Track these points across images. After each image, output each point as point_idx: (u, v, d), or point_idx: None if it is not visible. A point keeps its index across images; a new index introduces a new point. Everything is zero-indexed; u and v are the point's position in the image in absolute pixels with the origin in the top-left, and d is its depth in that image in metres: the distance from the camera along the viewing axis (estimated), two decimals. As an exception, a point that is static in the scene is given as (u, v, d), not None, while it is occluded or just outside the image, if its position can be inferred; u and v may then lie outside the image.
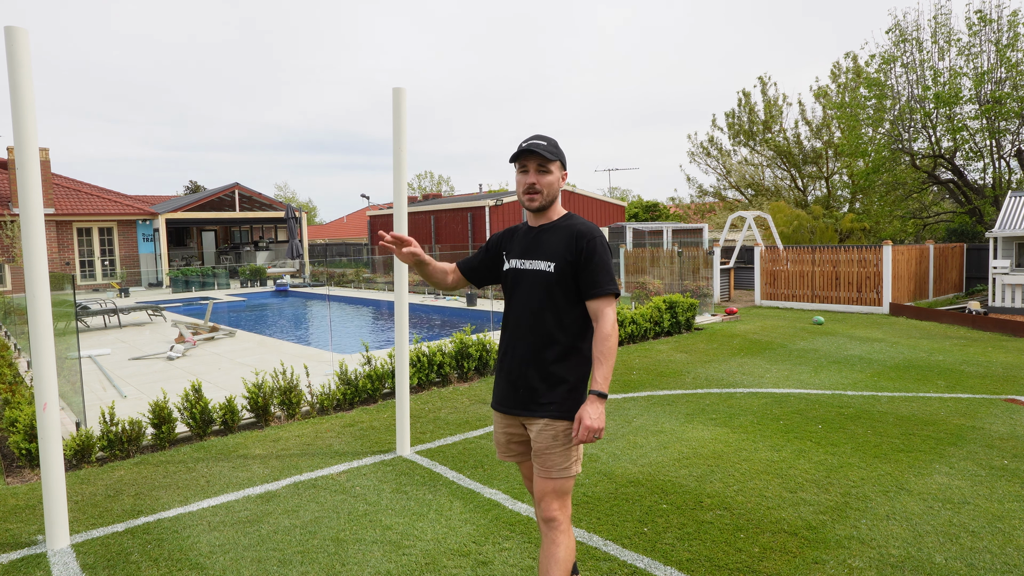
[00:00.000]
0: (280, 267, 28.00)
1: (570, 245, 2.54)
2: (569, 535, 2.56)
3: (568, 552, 2.53)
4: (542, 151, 2.51)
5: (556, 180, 2.60)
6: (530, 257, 2.62)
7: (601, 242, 2.54)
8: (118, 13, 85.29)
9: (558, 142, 2.64)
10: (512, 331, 2.64)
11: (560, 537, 2.53)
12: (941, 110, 18.93)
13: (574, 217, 2.66)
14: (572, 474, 2.55)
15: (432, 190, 64.63)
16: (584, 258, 2.51)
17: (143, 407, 6.47)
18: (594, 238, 2.54)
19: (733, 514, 3.88)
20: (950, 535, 3.56)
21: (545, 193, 2.57)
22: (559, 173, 2.61)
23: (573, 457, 2.55)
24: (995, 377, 7.31)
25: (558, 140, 2.68)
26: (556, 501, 2.54)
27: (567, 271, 2.53)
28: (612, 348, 2.45)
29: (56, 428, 3.74)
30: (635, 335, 10.00)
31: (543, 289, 2.55)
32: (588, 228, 2.58)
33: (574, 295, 2.54)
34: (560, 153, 2.61)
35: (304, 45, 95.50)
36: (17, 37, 3.50)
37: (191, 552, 3.60)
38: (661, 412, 6.08)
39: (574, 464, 2.56)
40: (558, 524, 2.53)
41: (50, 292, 3.73)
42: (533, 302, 2.58)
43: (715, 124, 30.37)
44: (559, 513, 2.53)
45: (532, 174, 2.56)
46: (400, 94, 4.89)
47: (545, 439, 2.53)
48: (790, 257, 14.83)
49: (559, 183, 2.62)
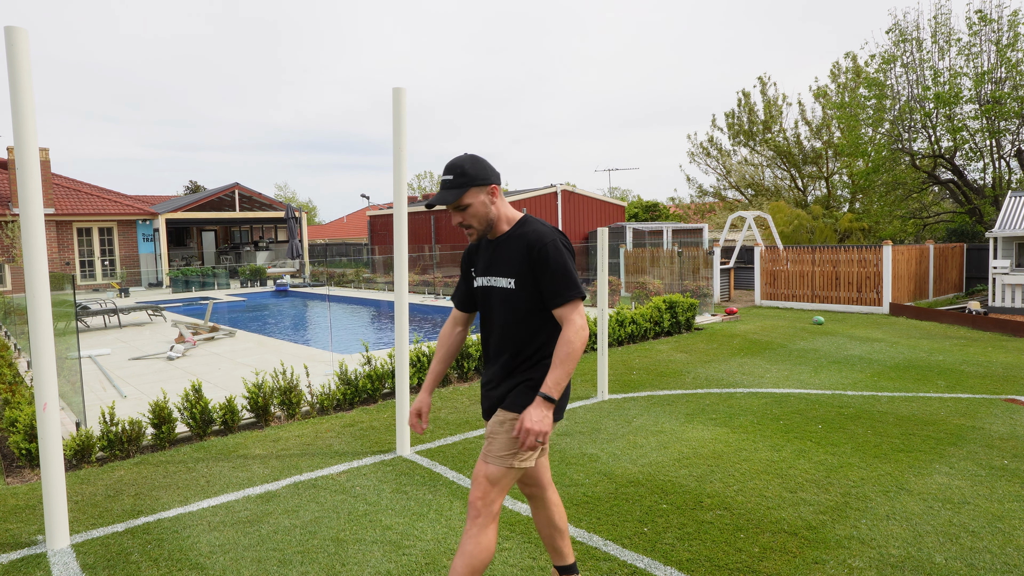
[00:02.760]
0: (280, 267, 28.00)
1: (524, 257, 2.45)
2: (485, 533, 2.44)
3: (478, 549, 2.41)
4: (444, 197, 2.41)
5: (481, 204, 2.47)
6: (492, 273, 2.56)
7: (554, 247, 2.42)
8: (118, 13, 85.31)
9: (469, 162, 2.46)
10: (487, 346, 2.65)
11: (473, 529, 2.43)
12: (941, 110, 18.93)
13: (528, 224, 2.53)
14: (507, 464, 2.47)
15: (432, 190, 64.59)
16: (539, 268, 2.42)
17: (143, 407, 6.47)
18: (544, 246, 2.42)
19: (733, 514, 3.88)
20: (950, 535, 3.56)
21: (477, 225, 2.49)
22: (481, 195, 2.46)
23: (514, 451, 2.47)
24: (995, 377, 7.31)
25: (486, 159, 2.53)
26: (481, 488, 2.46)
27: (528, 283, 2.46)
28: (572, 353, 2.36)
29: (56, 428, 3.74)
30: (635, 335, 10.00)
31: (509, 306, 2.51)
32: (538, 236, 2.45)
33: (540, 305, 2.48)
34: (472, 176, 2.44)
35: (304, 45, 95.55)
36: (17, 37, 3.50)
37: (191, 552, 3.60)
38: (661, 412, 6.08)
39: (514, 458, 2.47)
40: (476, 514, 2.45)
41: (50, 292, 3.73)
42: (502, 318, 2.54)
43: (715, 124, 30.38)
44: (480, 502, 2.45)
45: (455, 215, 2.49)
46: (400, 94, 4.89)
47: (493, 424, 2.54)
48: (790, 257, 14.83)
49: (487, 204, 2.48)
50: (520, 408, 2.48)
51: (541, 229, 2.48)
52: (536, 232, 2.47)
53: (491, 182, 2.49)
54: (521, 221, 2.55)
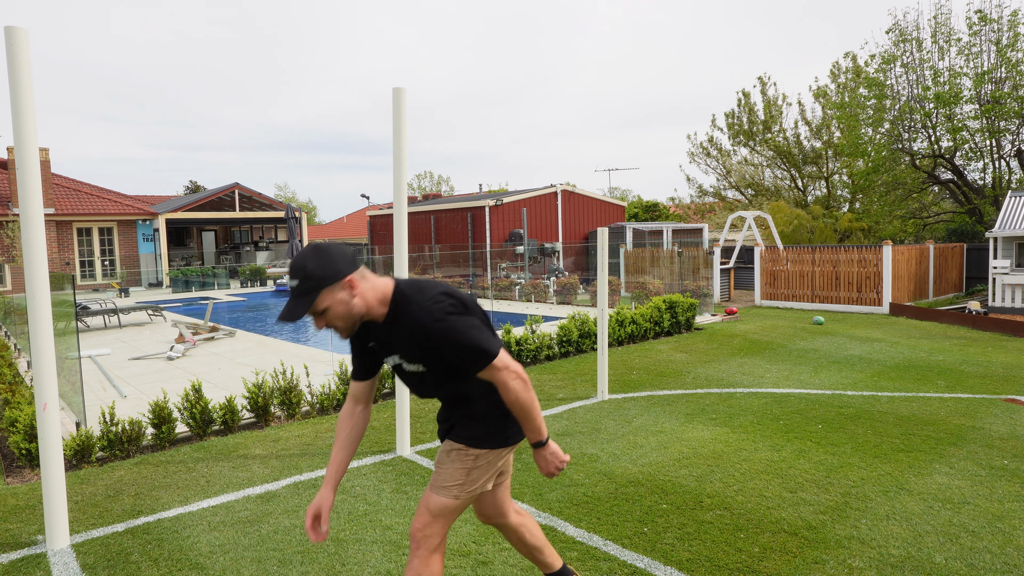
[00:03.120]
0: (280, 267, 28.01)
1: (419, 344, 2.21)
2: (429, 566, 2.33)
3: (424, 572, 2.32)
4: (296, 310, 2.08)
5: (340, 303, 2.13)
6: (395, 353, 2.32)
7: (443, 325, 2.14)
8: (118, 13, 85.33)
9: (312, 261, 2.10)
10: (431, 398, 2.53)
11: (415, 561, 2.34)
12: (941, 110, 18.93)
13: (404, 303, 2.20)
14: (451, 495, 2.36)
15: (432, 190, 64.63)
16: (441, 350, 2.19)
17: (143, 407, 6.47)
18: (432, 329, 2.14)
19: (733, 514, 3.88)
20: (950, 535, 3.56)
21: (342, 323, 2.18)
22: (337, 294, 2.12)
23: (455, 479, 2.37)
24: (995, 377, 7.31)
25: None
26: (423, 519, 2.37)
27: (436, 364, 2.27)
28: (524, 407, 2.24)
29: (56, 428, 3.74)
30: (635, 335, 10.00)
31: (428, 384, 2.36)
32: (423, 319, 2.15)
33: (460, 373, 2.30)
34: (320, 277, 2.08)
35: (304, 45, 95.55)
36: (17, 37, 3.50)
37: (191, 552, 3.60)
38: (661, 412, 6.08)
39: (454, 486, 2.37)
40: (416, 546, 2.35)
41: (50, 292, 3.73)
42: (425, 392, 2.42)
43: (715, 124, 30.38)
44: (420, 533, 2.35)
45: (316, 320, 2.17)
46: (400, 94, 4.89)
47: (441, 453, 2.46)
48: (790, 257, 14.83)
49: (347, 301, 2.14)
50: (466, 439, 2.40)
51: (422, 307, 2.16)
52: (418, 313, 2.16)
53: (344, 275, 2.12)
54: (396, 301, 2.22)
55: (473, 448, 2.39)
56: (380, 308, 2.23)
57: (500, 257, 20.17)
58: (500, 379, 2.21)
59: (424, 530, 2.36)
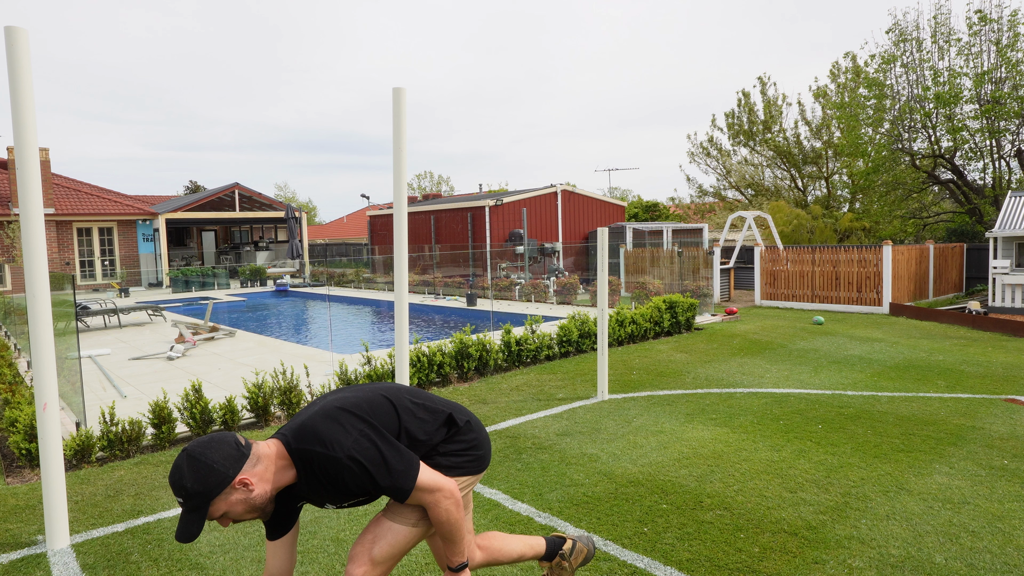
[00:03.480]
0: (280, 267, 28.01)
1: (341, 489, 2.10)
2: None
3: None
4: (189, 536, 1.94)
5: (236, 503, 2.00)
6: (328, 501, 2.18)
7: (352, 470, 2.04)
8: (118, 13, 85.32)
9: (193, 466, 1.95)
10: None
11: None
12: (941, 110, 18.93)
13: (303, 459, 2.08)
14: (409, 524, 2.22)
15: (432, 190, 64.62)
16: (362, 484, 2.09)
17: (143, 407, 6.47)
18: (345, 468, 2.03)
19: (733, 514, 3.88)
20: (950, 535, 3.56)
21: (251, 516, 2.07)
22: (228, 497, 1.98)
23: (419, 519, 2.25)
24: (995, 377, 7.31)
25: None
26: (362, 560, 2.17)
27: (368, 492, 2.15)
28: (451, 529, 2.18)
29: (56, 428, 3.74)
30: (635, 335, 10.00)
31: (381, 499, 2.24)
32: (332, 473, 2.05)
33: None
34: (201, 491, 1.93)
35: (304, 45, 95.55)
36: (17, 37, 3.50)
37: (191, 552, 3.60)
38: (661, 412, 6.08)
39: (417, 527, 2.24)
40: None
41: (50, 292, 3.73)
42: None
43: (715, 124, 30.37)
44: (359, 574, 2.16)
45: (221, 522, 2.04)
46: (400, 94, 4.89)
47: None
48: (790, 257, 14.83)
49: (243, 497, 2.00)
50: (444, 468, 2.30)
51: (327, 456, 2.04)
52: (326, 464, 2.04)
53: (229, 480, 1.97)
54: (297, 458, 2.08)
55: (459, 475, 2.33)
56: (287, 475, 2.10)
57: (500, 257, 20.17)
58: (426, 502, 2.12)
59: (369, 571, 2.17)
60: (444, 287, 18.69)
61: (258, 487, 2.03)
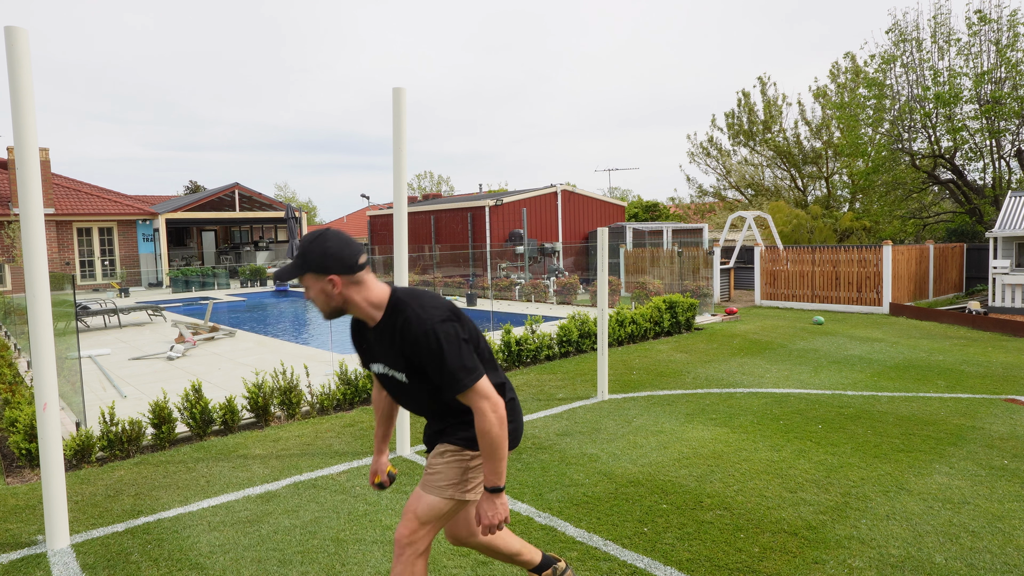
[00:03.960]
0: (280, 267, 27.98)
1: (403, 351, 2.22)
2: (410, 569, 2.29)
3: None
4: (280, 274, 2.24)
5: (320, 292, 2.22)
6: (381, 361, 2.37)
7: (434, 335, 2.15)
8: (118, 13, 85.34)
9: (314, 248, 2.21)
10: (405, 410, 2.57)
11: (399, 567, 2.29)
12: (941, 110, 18.93)
13: (401, 310, 2.23)
14: (446, 496, 2.33)
15: (432, 190, 64.62)
16: (425, 360, 2.19)
17: (143, 407, 6.47)
18: (424, 335, 2.15)
19: (733, 514, 3.88)
20: (950, 535, 3.56)
21: (319, 306, 2.28)
22: (318, 283, 2.21)
23: (451, 479, 2.34)
24: (995, 377, 7.31)
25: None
26: (409, 526, 2.32)
27: (421, 374, 2.26)
28: (494, 443, 2.19)
29: (56, 428, 3.74)
30: (635, 335, 10.00)
31: (411, 395, 2.36)
32: (415, 325, 2.18)
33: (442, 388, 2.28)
34: (308, 263, 2.19)
35: (304, 45, 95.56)
36: (17, 37, 3.50)
37: (191, 552, 3.60)
38: (661, 412, 6.08)
39: (450, 487, 2.34)
40: (400, 550, 2.31)
41: (50, 292, 3.73)
42: (410, 404, 2.42)
43: (715, 124, 30.38)
44: (406, 539, 2.30)
45: (306, 290, 2.28)
46: (400, 94, 4.89)
47: (433, 455, 2.44)
48: (790, 257, 14.83)
49: (328, 292, 2.22)
50: (462, 440, 2.36)
51: (418, 315, 2.19)
52: (412, 320, 2.19)
53: (330, 273, 2.19)
54: (392, 306, 2.26)
55: (468, 450, 2.36)
56: (372, 311, 2.27)
57: (500, 257, 20.17)
58: (477, 407, 2.19)
59: (411, 536, 2.30)
60: (444, 287, 18.69)
61: (340, 295, 2.23)
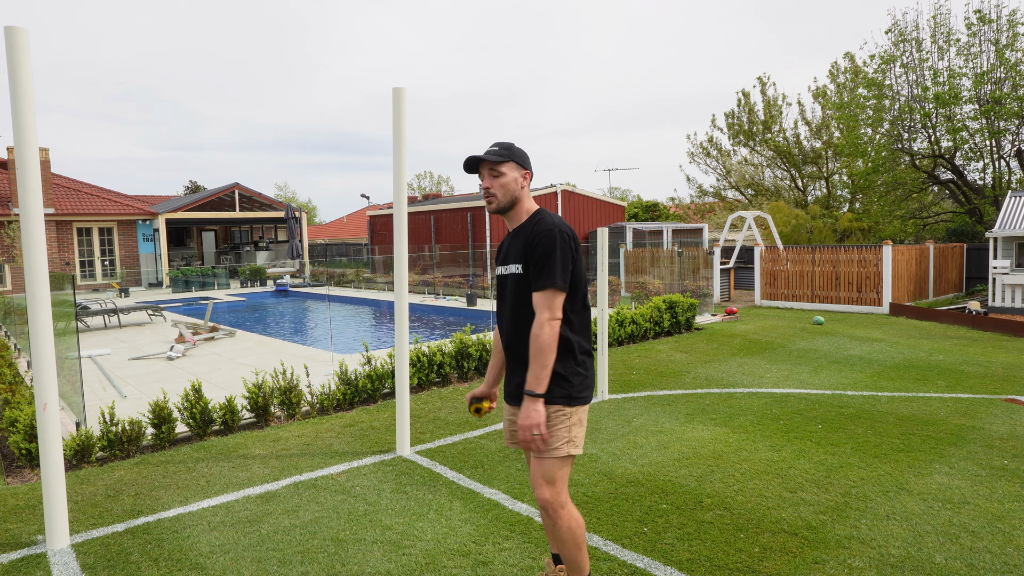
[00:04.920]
0: (280, 267, 28.00)
1: (528, 242, 2.58)
2: (565, 513, 2.60)
3: (567, 524, 2.60)
4: (488, 156, 2.61)
5: (512, 180, 2.63)
6: (507, 262, 2.70)
7: (550, 236, 2.53)
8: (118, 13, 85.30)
9: (514, 145, 2.70)
10: (503, 332, 2.76)
11: (553, 519, 2.61)
12: (940, 110, 18.93)
13: (542, 215, 2.65)
14: (561, 454, 2.58)
15: (432, 190, 64.62)
16: (534, 252, 2.54)
17: (143, 407, 6.47)
18: (544, 232, 2.54)
19: (733, 514, 3.88)
20: (950, 535, 3.56)
21: (500, 195, 2.63)
22: (515, 173, 2.64)
23: (562, 438, 2.59)
24: (995, 377, 7.31)
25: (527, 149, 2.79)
26: (544, 486, 2.59)
27: (527, 268, 2.59)
28: (540, 347, 2.47)
29: (56, 428, 3.74)
30: (635, 335, 10.00)
31: (517, 292, 2.63)
32: (544, 226, 2.57)
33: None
34: (515, 153, 2.66)
35: (304, 45, 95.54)
36: (17, 37, 3.50)
37: (191, 552, 3.60)
38: (661, 412, 6.08)
39: (564, 445, 2.59)
40: (549, 507, 2.60)
41: (50, 292, 3.73)
42: (512, 304, 2.67)
43: (715, 124, 30.38)
44: (552, 502, 2.59)
45: (486, 179, 2.65)
46: (400, 94, 4.89)
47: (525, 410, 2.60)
48: (790, 257, 14.83)
49: (517, 183, 2.65)
50: (562, 399, 2.58)
51: (551, 220, 2.60)
52: (545, 223, 2.58)
53: (526, 168, 2.70)
54: (537, 213, 2.67)
55: (568, 407, 2.60)
56: (524, 213, 2.68)
57: (500, 257, 20.13)
58: (539, 307, 2.50)
59: (553, 497, 2.58)
60: (444, 287, 18.69)
61: (523, 191, 2.67)
